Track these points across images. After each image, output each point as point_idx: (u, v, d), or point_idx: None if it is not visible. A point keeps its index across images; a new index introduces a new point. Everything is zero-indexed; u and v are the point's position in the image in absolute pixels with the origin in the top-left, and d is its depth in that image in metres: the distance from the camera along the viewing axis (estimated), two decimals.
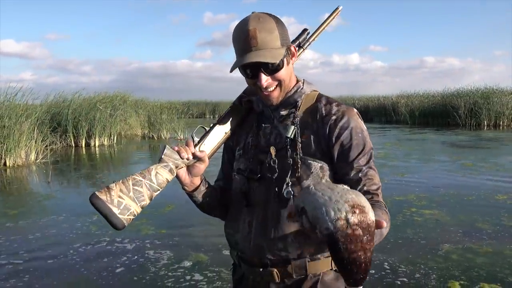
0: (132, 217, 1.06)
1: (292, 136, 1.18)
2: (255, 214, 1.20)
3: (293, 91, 1.22)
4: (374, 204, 1.10)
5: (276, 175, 1.17)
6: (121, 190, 1.05)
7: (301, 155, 1.16)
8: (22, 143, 9.70)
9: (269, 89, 1.16)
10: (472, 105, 19.43)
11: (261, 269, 1.20)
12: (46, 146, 10.47)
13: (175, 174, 1.15)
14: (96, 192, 1.04)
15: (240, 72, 1.18)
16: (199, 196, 1.25)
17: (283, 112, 1.22)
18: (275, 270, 1.18)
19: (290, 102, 1.22)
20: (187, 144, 1.18)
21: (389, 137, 15.05)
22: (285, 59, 1.15)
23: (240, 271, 1.28)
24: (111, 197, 1.04)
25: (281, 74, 1.16)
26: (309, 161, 1.16)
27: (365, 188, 1.15)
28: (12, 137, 9.45)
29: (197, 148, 1.20)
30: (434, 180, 6.94)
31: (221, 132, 1.25)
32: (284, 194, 1.14)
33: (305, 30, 1.29)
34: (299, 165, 1.15)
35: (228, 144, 1.33)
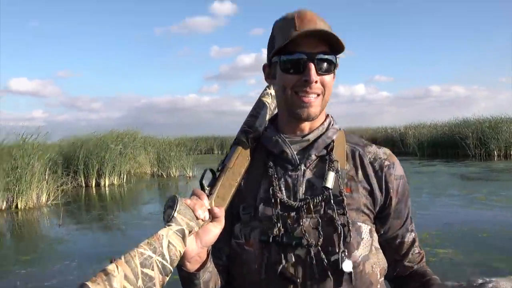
0: None
1: (331, 187, 0.90)
2: None
3: (325, 126, 0.97)
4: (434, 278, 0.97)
5: (321, 240, 0.88)
6: (126, 277, 0.67)
7: (348, 214, 0.89)
8: (33, 184, 9.79)
9: (312, 95, 0.91)
10: (480, 135, 19.31)
11: None
12: (57, 186, 10.56)
13: (186, 244, 0.77)
14: (89, 284, 0.63)
15: (279, 61, 0.92)
16: (203, 277, 0.86)
17: (315, 155, 0.95)
18: None
19: (324, 142, 0.95)
20: (198, 196, 0.83)
21: None
22: (335, 68, 0.94)
23: None
24: None
25: (329, 80, 0.92)
26: (358, 224, 0.90)
27: (416, 250, 1.01)
28: (24, 178, 9.56)
29: (211, 201, 0.86)
30: (447, 216, 6.85)
31: (233, 178, 0.92)
32: (343, 268, 0.85)
33: None
34: (350, 228, 0.88)
35: None
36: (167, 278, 0.73)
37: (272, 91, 1.06)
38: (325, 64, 0.90)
